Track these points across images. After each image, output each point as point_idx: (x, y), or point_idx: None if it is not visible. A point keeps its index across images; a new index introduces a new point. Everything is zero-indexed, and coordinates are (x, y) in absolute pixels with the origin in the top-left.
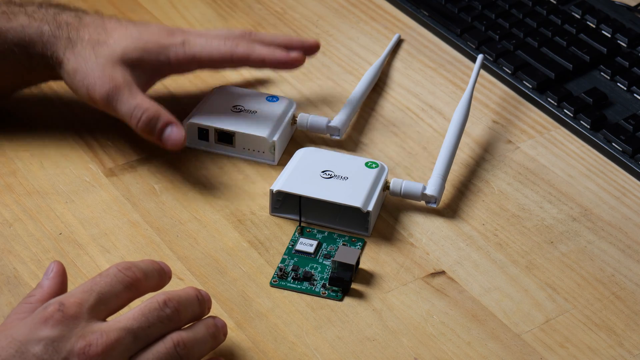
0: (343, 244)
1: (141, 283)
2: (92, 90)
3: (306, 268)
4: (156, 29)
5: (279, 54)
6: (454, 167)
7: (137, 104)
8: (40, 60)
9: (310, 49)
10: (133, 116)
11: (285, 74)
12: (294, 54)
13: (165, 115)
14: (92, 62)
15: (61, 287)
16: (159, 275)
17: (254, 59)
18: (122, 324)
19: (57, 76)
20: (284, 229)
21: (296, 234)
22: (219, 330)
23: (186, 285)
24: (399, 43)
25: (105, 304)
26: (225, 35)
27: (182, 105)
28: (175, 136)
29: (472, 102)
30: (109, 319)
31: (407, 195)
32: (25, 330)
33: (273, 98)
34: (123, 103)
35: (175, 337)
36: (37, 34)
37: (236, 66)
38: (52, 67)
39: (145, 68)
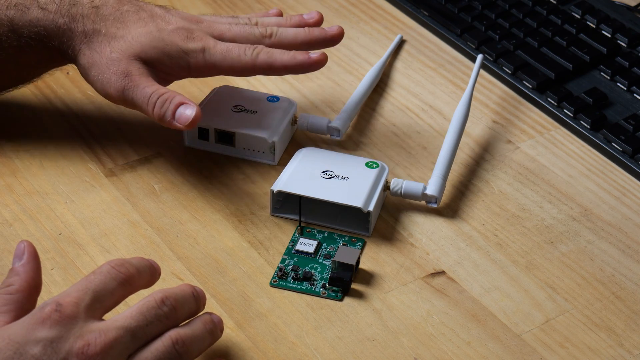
0: (343, 244)
1: (134, 279)
2: (108, 86)
3: (306, 268)
4: (175, 28)
5: (301, 57)
6: (454, 167)
7: (153, 91)
8: (57, 53)
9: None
10: (149, 102)
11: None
12: (315, 56)
13: (180, 96)
14: (107, 57)
15: (37, 271)
16: (150, 272)
17: (276, 67)
18: (120, 322)
19: (68, 63)
20: (284, 229)
21: (296, 234)
22: (216, 326)
23: None
24: (400, 44)
25: (101, 302)
26: (246, 35)
27: None
28: (188, 113)
29: (472, 102)
30: (105, 316)
31: (408, 195)
32: (23, 331)
33: (274, 98)
34: (139, 93)
35: (173, 334)
36: (52, 27)
37: (258, 74)
38: (70, 59)
39: (162, 69)
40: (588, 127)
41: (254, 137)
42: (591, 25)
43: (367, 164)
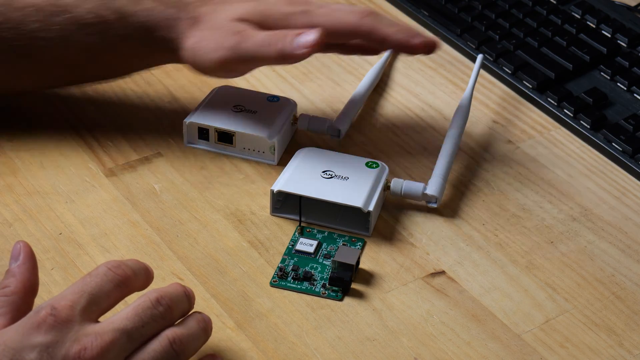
0: (343, 244)
1: (131, 281)
2: (220, 48)
3: (306, 268)
4: (277, 0)
5: (402, 35)
6: (454, 167)
7: (266, 34)
8: (162, 43)
9: (429, 47)
10: (266, 43)
11: (285, 74)
12: (417, 40)
13: (294, 30)
14: (211, 25)
15: (33, 271)
16: (145, 274)
17: (376, 35)
18: (116, 324)
19: (175, 59)
20: (284, 229)
21: (296, 234)
22: (207, 325)
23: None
24: None
25: (96, 304)
26: (347, 9)
27: (182, 105)
28: (311, 36)
29: (472, 102)
30: (101, 318)
31: (408, 195)
32: (18, 336)
33: (274, 98)
34: (252, 41)
35: (170, 334)
36: (162, 17)
37: (356, 38)
38: (172, 50)
39: (264, 28)
40: (588, 127)
41: (254, 137)
42: (591, 25)
43: (367, 164)
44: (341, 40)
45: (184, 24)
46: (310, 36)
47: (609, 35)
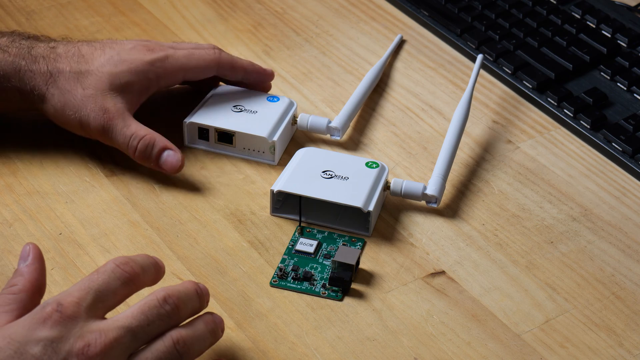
0: (343, 244)
1: (139, 278)
2: (86, 124)
3: (306, 268)
4: (133, 46)
5: (257, 65)
6: (454, 167)
7: (132, 133)
8: (16, 94)
9: (268, 77)
10: (130, 145)
11: (285, 74)
12: (269, 69)
13: (161, 140)
14: (81, 94)
15: (41, 272)
16: (155, 269)
17: (237, 66)
18: (121, 322)
19: (34, 109)
20: (284, 229)
21: (296, 234)
22: (217, 326)
23: None
24: (400, 44)
25: (103, 301)
26: (195, 45)
27: (182, 105)
28: (172, 160)
29: (472, 102)
30: (108, 315)
31: (408, 195)
32: (23, 330)
33: (274, 98)
34: (118, 134)
35: (174, 335)
36: (12, 68)
37: (217, 74)
38: (31, 101)
39: (135, 89)
40: (588, 127)
41: (254, 137)
42: (591, 25)
43: (367, 164)
44: (202, 76)
45: (39, 78)
46: (172, 159)
47: (609, 35)
